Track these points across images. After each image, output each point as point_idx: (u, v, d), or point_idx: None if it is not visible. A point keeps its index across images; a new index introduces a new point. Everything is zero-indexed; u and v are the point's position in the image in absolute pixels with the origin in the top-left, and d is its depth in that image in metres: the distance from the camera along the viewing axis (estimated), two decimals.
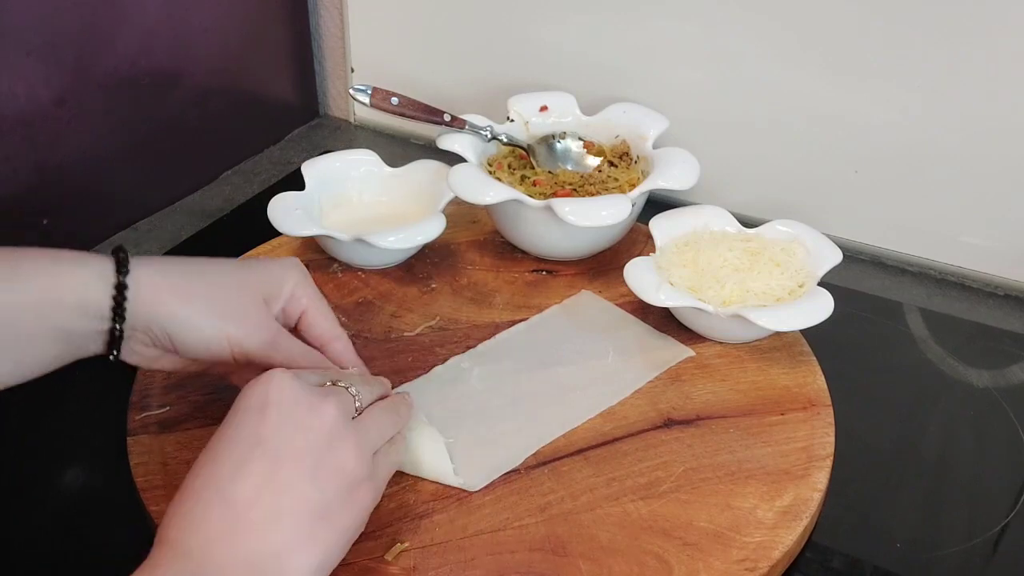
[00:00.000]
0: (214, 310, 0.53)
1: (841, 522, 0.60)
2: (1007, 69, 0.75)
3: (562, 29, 0.92)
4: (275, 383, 0.47)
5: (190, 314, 0.52)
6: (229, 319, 0.53)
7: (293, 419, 0.46)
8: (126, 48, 0.83)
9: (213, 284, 0.53)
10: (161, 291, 0.51)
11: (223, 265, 0.55)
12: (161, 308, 0.51)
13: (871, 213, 0.86)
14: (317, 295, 0.58)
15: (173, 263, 0.54)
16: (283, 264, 0.58)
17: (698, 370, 0.68)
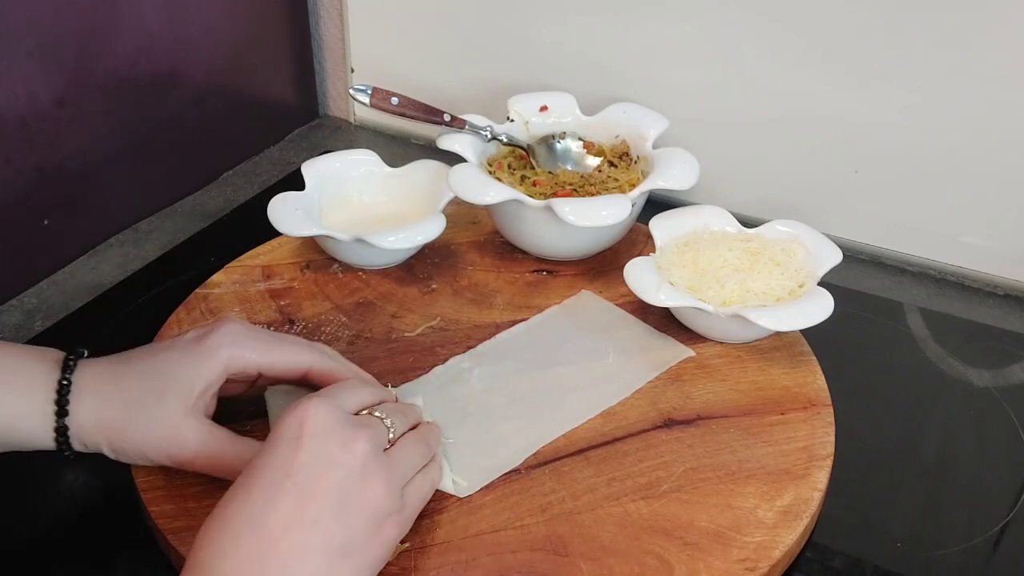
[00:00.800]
0: (137, 443, 0.55)
1: (841, 522, 0.60)
2: (1007, 69, 0.75)
3: (562, 29, 0.92)
4: (311, 413, 0.48)
5: (119, 450, 0.55)
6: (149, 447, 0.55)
7: (325, 453, 0.47)
8: (126, 49, 0.83)
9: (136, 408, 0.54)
10: (92, 432, 0.54)
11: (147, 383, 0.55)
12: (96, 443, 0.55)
13: (871, 213, 0.86)
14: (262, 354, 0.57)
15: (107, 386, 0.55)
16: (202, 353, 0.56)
17: (698, 370, 0.68)
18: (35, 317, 0.77)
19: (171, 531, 0.55)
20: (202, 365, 0.55)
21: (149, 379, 0.55)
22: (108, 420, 0.54)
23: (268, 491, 0.46)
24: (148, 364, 0.56)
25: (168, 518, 0.56)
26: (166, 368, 0.55)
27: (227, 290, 0.75)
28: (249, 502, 0.46)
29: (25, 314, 0.78)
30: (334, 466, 0.47)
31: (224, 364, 0.56)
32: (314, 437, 0.47)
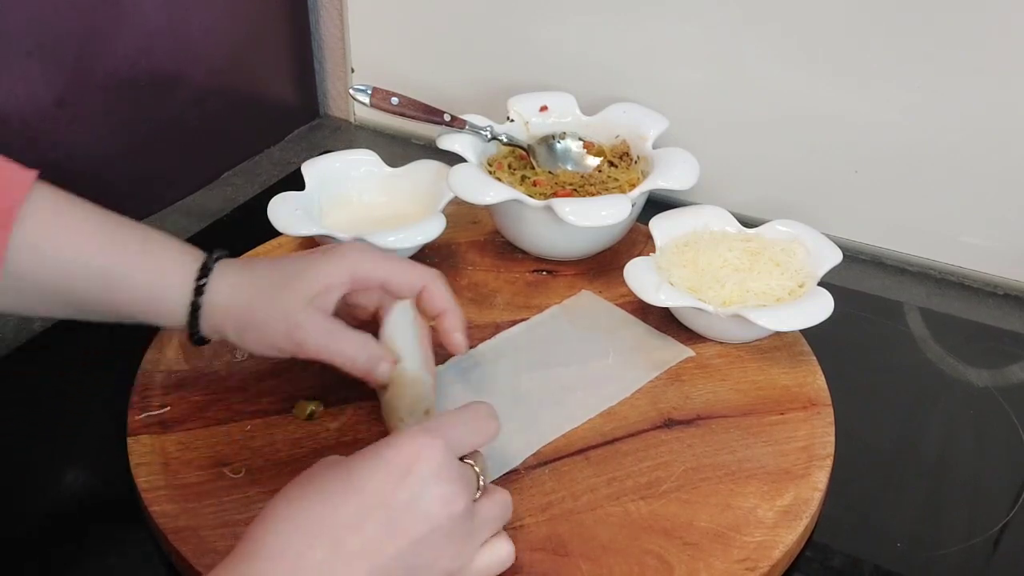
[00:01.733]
0: (265, 335, 0.57)
1: (841, 522, 0.60)
2: (1007, 69, 0.75)
3: (562, 29, 0.92)
4: (426, 455, 0.47)
5: (243, 336, 0.58)
6: (272, 333, 0.57)
7: (425, 502, 0.46)
8: (126, 49, 0.83)
9: (264, 295, 0.57)
10: (222, 316, 0.58)
11: (278, 276, 0.58)
12: (223, 327, 0.58)
13: (871, 213, 0.86)
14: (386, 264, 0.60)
15: (239, 286, 0.58)
16: (338, 258, 0.59)
17: (698, 370, 0.68)
18: (34, 317, 0.77)
19: (171, 531, 0.55)
20: (329, 265, 0.58)
21: (277, 272, 0.59)
22: (236, 306, 0.57)
23: (358, 513, 0.45)
24: (279, 262, 0.60)
25: (168, 518, 0.56)
26: (296, 265, 0.59)
27: None
28: (335, 515, 0.45)
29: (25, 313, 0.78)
30: (427, 517, 0.46)
31: (350, 268, 0.59)
32: (421, 479, 0.46)
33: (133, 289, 0.56)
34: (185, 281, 0.57)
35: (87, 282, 0.55)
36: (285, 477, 0.58)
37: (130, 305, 0.57)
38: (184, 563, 0.54)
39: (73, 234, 0.55)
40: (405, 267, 0.61)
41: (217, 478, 0.59)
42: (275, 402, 0.65)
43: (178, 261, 0.58)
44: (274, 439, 0.62)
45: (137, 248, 0.57)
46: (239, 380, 0.66)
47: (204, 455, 0.60)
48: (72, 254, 0.54)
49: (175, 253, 0.58)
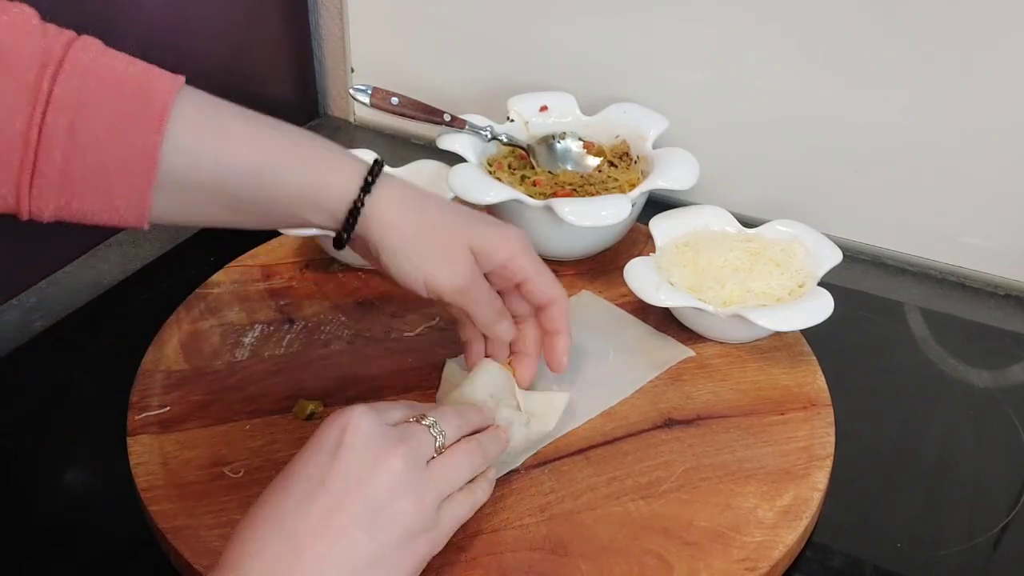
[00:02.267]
0: (420, 255, 0.57)
1: (841, 522, 0.60)
2: (1007, 69, 0.75)
3: (562, 29, 0.92)
4: (352, 424, 0.48)
5: (399, 252, 0.57)
6: (431, 265, 0.57)
7: (359, 466, 0.47)
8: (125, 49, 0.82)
9: (431, 228, 0.57)
10: (388, 221, 0.56)
11: (449, 215, 0.59)
12: (380, 237, 0.57)
13: (871, 213, 0.86)
14: (535, 265, 0.60)
15: (407, 198, 0.58)
16: (502, 234, 0.60)
17: (698, 370, 0.68)
18: (35, 317, 0.77)
19: (171, 531, 0.55)
20: (502, 236, 0.59)
21: (451, 214, 0.59)
22: (403, 224, 0.56)
23: (301, 497, 0.46)
24: (454, 206, 0.60)
25: (168, 518, 0.56)
26: (471, 218, 0.59)
27: (227, 290, 0.75)
28: (282, 507, 0.46)
29: (24, 313, 0.78)
30: (366, 480, 0.47)
31: (509, 254, 0.59)
32: (351, 448, 0.48)
33: (286, 186, 0.54)
34: (344, 180, 0.56)
35: (241, 180, 0.54)
36: None
37: (284, 201, 0.55)
38: (183, 563, 0.54)
39: (224, 134, 0.54)
40: (549, 278, 0.61)
41: (217, 478, 0.59)
42: (275, 402, 0.65)
43: (342, 157, 0.57)
44: (274, 439, 0.62)
45: (289, 145, 0.55)
46: (239, 380, 0.67)
47: (204, 455, 0.60)
48: (224, 153, 0.53)
49: (330, 152, 0.57)
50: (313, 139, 0.57)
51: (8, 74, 0.47)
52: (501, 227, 0.61)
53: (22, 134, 0.47)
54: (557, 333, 0.62)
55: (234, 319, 0.72)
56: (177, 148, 0.51)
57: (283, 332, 0.71)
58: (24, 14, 0.50)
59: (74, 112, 0.48)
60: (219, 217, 0.56)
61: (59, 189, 0.49)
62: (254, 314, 0.73)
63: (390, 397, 0.65)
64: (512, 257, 0.59)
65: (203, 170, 0.52)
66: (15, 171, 0.48)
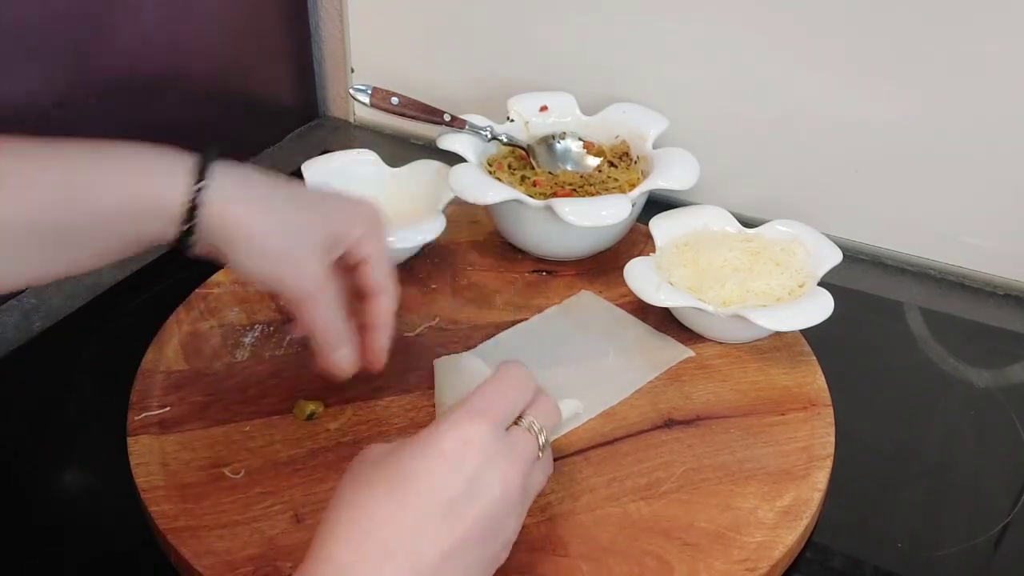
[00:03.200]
0: (267, 255, 0.54)
1: (841, 522, 0.60)
2: (1007, 69, 0.75)
3: (562, 29, 0.92)
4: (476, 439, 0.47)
5: (245, 251, 0.53)
6: (280, 266, 0.54)
7: (487, 485, 0.46)
8: (125, 49, 0.83)
9: (279, 224, 0.54)
10: (226, 221, 0.52)
11: (297, 203, 0.55)
12: (223, 236, 0.52)
13: (871, 213, 0.86)
14: (379, 247, 0.58)
15: (251, 191, 0.54)
16: (355, 211, 0.58)
17: (698, 370, 0.68)
18: (34, 317, 0.77)
19: (171, 531, 0.55)
20: (348, 223, 0.56)
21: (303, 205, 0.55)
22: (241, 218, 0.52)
23: (427, 515, 0.45)
24: (300, 192, 0.57)
25: (168, 518, 0.56)
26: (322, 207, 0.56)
27: (227, 290, 0.75)
28: (404, 519, 0.45)
29: (24, 314, 0.78)
30: (489, 498, 0.46)
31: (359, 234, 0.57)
32: (476, 467, 0.46)
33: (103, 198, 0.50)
34: (174, 179, 0.51)
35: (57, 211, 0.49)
36: (285, 478, 0.59)
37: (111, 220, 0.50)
38: (184, 563, 0.54)
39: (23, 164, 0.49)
40: (385, 266, 0.59)
41: (217, 478, 0.59)
42: (275, 402, 0.65)
43: (159, 159, 0.52)
44: (274, 439, 0.62)
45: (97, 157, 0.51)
46: (239, 380, 0.66)
47: (204, 455, 0.60)
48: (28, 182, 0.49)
49: (151, 154, 0.52)
50: (126, 146, 0.52)
51: None
52: (351, 205, 0.58)
53: None
54: (375, 328, 0.59)
55: (234, 319, 0.72)
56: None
57: (283, 332, 0.71)
58: None
59: None
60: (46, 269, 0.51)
61: None
62: (254, 314, 0.73)
63: (390, 397, 0.65)
64: (359, 238, 0.57)
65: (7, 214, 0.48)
66: None
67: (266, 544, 0.54)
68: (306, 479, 0.59)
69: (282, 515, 0.56)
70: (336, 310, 0.56)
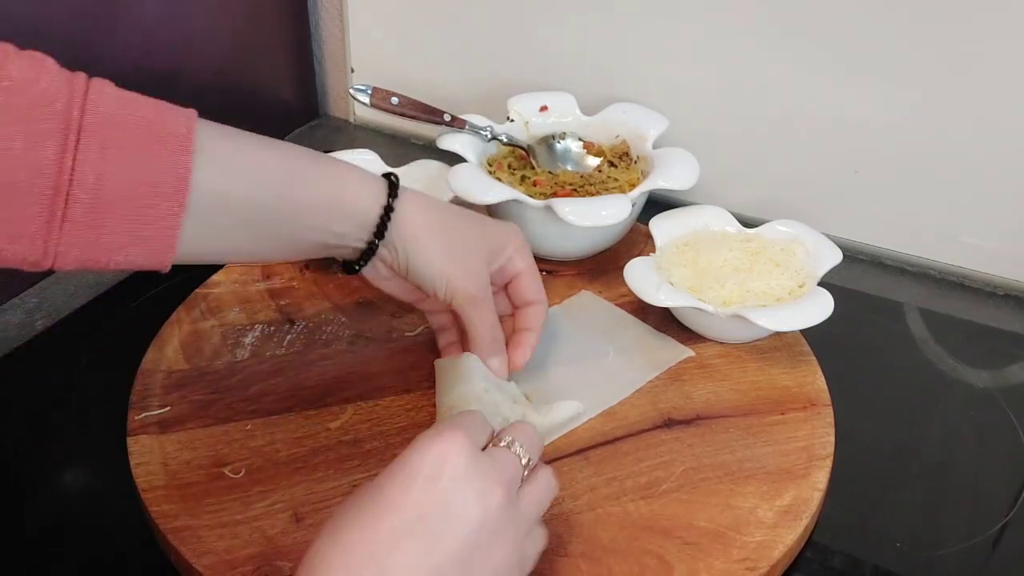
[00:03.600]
0: (448, 255, 0.61)
1: (841, 522, 0.60)
2: (1007, 69, 0.75)
3: (562, 29, 0.92)
4: (452, 455, 0.45)
5: (430, 249, 0.60)
6: (456, 266, 0.61)
7: (461, 503, 0.45)
8: (125, 48, 0.83)
9: (456, 234, 0.62)
10: (416, 223, 0.60)
11: (465, 220, 0.63)
12: (411, 236, 0.60)
13: (871, 213, 0.86)
14: (530, 262, 0.65)
15: (429, 204, 0.62)
16: (507, 229, 0.65)
17: (698, 370, 0.68)
18: (36, 316, 0.77)
19: (171, 531, 0.55)
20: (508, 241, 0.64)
21: (473, 223, 0.63)
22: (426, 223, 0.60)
23: (396, 530, 0.43)
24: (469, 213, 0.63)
25: (168, 518, 0.56)
26: (487, 225, 0.64)
27: (227, 290, 0.75)
28: (376, 538, 0.43)
29: (26, 313, 0.78)
30: (468, 518, 0.45)
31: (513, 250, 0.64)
32: (452, 480, 0.45)
33: (315, 195, 0.57)
34: (370, 190, 0.59)
35: (270, 191, 0.55)
36: (285, 477, 0.59)
37: (313, 211, 0.57)
38: (184, 563, 0.54)
39: (247, 152, 0.55)
40: (538, 279, 0.65)
41: (217, 478, 0.59)
42: (275, 401, 0.65)
43: (357, 171, 0.60)
44: (274, 439, 0.62)
45: (312, 159, 0.58)
46: (239, 380, 0.67)
47: (204, 455, 0.60)
48: (252, 167, 0.55)
49: (350, 166, 0.60)
50: (330, 156, 0.60)
51: (36, 105, 0.47)
52: (503, 224, 0.65)
53: (55, 161, 0.46)
54: (529, 330, 0.65)
55: (234, 319, 0.72)
56: (207, 167, 0.52)
57: (283, 332, 0.71)
58: (43, 58, 0.50)
59: (105, 137, 0.48)
60: (244, 245, 0.57)
61: (90, 219, 0.48)
62: (254, 314, 0.73)
63: (390, 397, 0.65)
64: (514, 252, 0.64)
65: (233, 186, 0.53)
66: (47, 200, 0.46)
67: (266, 543, 0.54)
68: (307, 478, 0.59)
69: (282, 514, 0.56)
70: (496, 318, 0.63)
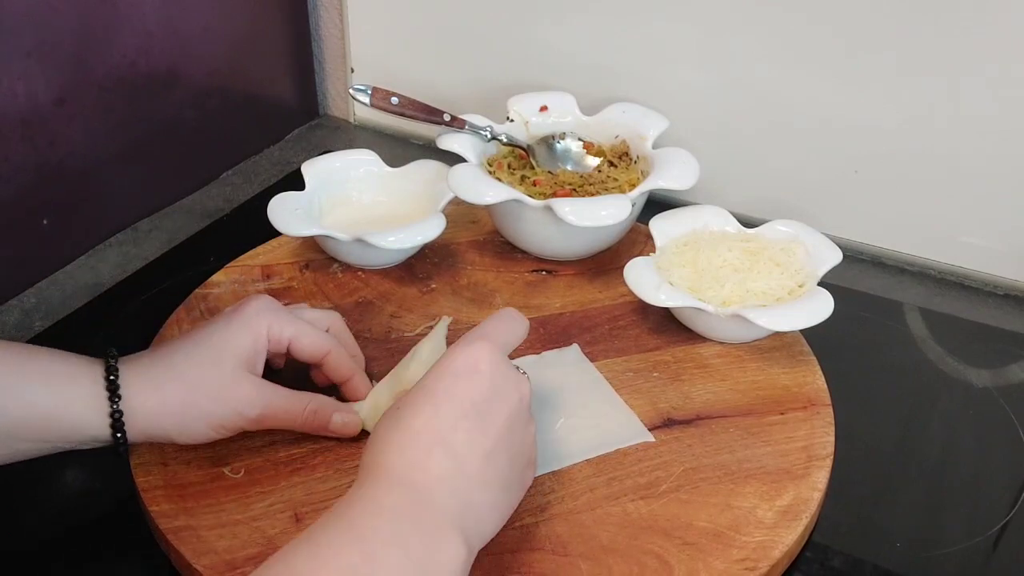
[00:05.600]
0: (205, 411, 0.56)
1: (841, 522, 0.60)
2: (1008, 69, 0.75)
3: (562, 29, 0.92)
4: (485, 353, 0.51)
5: (184, 430, 0.56)
6: (218, 412, 0.56)
7: (503, 390, 0.51)
8: (126, 48, 0.83)
9: (196, 378, 0.56)
10: (151, 414, 0.55)
11: (198, 355, 0.57)
12: (156, 427, 0.56)
13: (871, 213, 0.86)
14: (293, 325, 0.60)
15: (156, 368, 0.56)
16: (244, 320, 0.59)
17: (698, 370, 0.68)
18: (34, 317, 0.77)
19: (171, 531, 0.55)
20: (246, 332, 0.58)
21: (201, 353, 0.57)
22: (169, 401, 0.55)
23: (455, 415, 0.49)
24: (193, 340, 0.58)
25: (168, 518, 0.56)
26: (213, 340, 0.58)
27: (227, 290, 0.75)
28: (439, 423, 0.49)
29: (24, 313, 0.78)
30: (509, 402, 0.51)
31: (265, 329, 0.59)
32: (491, 373, 0.51)
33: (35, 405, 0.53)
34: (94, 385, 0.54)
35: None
36: (285, 477, 0.59)
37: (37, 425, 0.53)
38: (183, 563, 0.54)
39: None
40: (311, 331, 0.61)
41: (216, 478, 0.59)
42: None
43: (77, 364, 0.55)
44: (274, 439, 0.62)
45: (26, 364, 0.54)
46: None
47: (203, 455, 0.60)
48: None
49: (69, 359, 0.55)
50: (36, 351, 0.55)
51: None
52: (240, 316, 0.59)
53: None
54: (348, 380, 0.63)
55: None
56: None
57: None
58: None
59: None
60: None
61: None
62: None
63: None
64: (269, 333, 0.59)
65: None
66: None
67: (266, 543, 0.54)
68: (306, 478, 0.59)
69: (282, 514, 0.56)
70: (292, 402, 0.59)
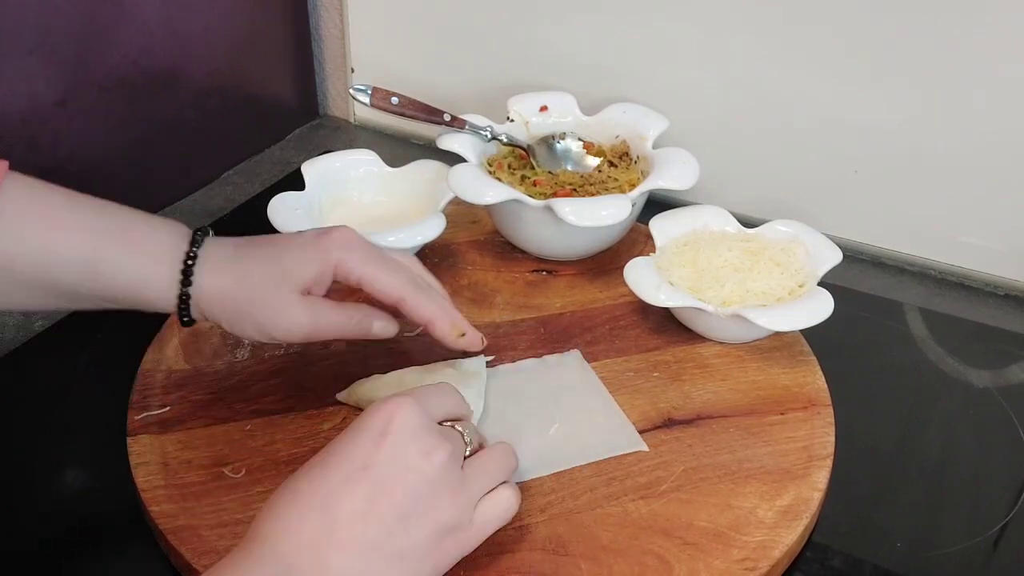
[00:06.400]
0: (256, 318, 0.58)
1: (841, 522, 0.60)
2: (1007, 69, 0.75)
3: (562, 29, 0.92)
4: (400, 414, 0.49)
5: (237, 320, 0.58)
6: (269, 324, 0.58)
7: (404, 456, 0.48)
8: (126, 48, 0.83)
9: (256, 289, 0.58)
10: (214, 302, 0.57)
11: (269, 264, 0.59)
12: (215, 314, 0.58)
13: (871, 213, 0.86)
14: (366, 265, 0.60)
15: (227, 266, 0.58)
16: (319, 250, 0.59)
17: (698, 370, 0.68)
18: (35, 317, 0.77)
19: (171, 531, 0.55)
20: (316, 265, 0.59)
21: (269, 265, 0.58)
22: (229, 298, 0.57)
23: (344, 479, 0.47)
24: (269, 251, 0.59)
25: (168, 518, 0.56)
26: (285, 258, 0.59)
27: None
28: (323, 487, 0.47)
29: (24, 314, 0.78)
30: (411, 470, 0.48)
31: (333, 265, 0.59)
32: (398, 436, 0.48)
33: (118, 275, 0.55)
34: (172, 268, 0.56)
35: (71, 270, 0.54)
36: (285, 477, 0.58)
37: (117, 292, 0.56)
38: (184, 563, 0.54)
39: (52, 222, 0.54)
40: (384, 274, 0.60)
41: (217, 478, 0.59)
42: (275, 401, 0.65)
43: (164, 245, 0.57)
44: (274, 439, 0.62)
45: (119, 234, 0.56)
46: (239, 380, 0.67)
47: (204, 455, 0.60)
48: (53, 242, 0.54)
49: (160, 236, 0.57)
50: (143, 224, 0.57)
51: None
52: (317, 243, 0.60)
53: None
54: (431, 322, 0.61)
55: None
56: (3, 235, 0.52)
57: None
58: None
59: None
60: (52, 304, 0.57)
61: None
62: None
63: None
64: (337, 270, 0.59)
65: (31, 260, 0.53)
66: None
67: None
68: None
69: None
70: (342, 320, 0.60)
